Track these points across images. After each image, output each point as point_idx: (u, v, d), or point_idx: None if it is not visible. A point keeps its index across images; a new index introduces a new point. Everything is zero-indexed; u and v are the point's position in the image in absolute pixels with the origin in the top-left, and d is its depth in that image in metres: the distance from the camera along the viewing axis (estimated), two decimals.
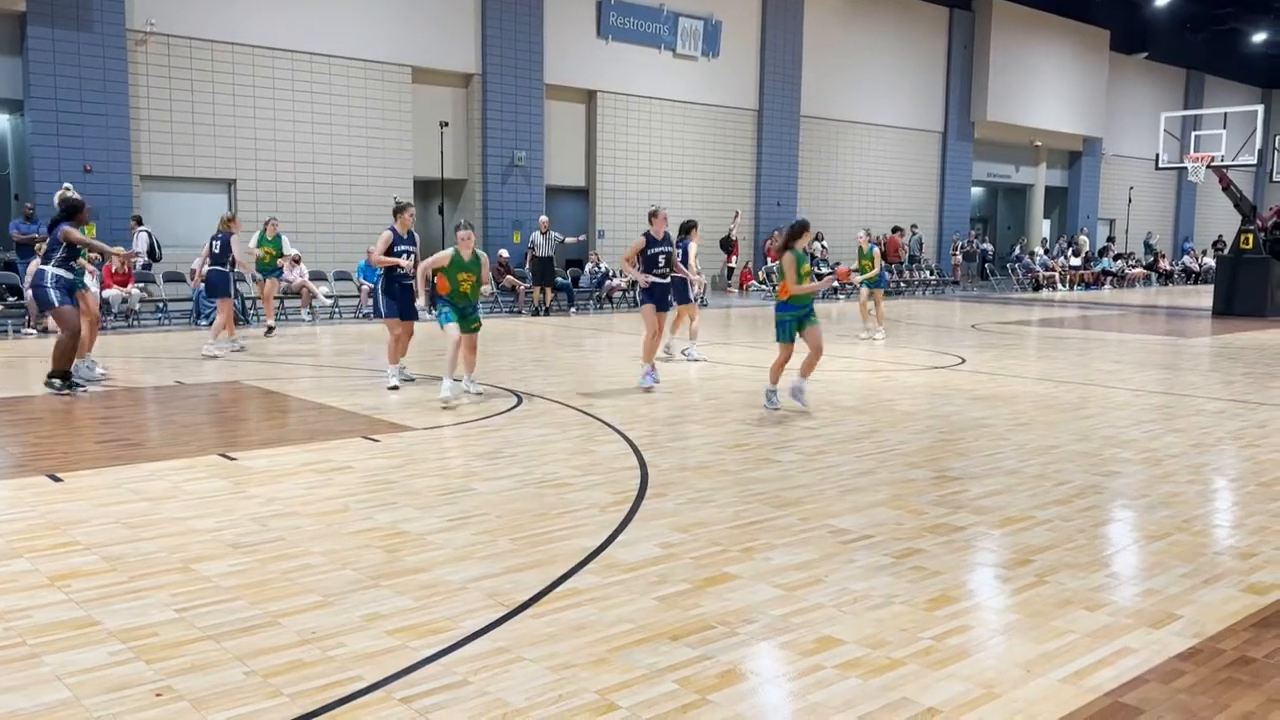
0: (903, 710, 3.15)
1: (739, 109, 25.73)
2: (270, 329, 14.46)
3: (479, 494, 5.72)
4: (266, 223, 14.52)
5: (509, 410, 8.49)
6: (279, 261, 14.69)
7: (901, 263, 27.66)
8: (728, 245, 24.52)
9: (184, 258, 16.82)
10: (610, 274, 21.15)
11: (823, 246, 25.45)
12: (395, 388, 9.42)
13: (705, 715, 3.11)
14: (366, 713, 3.09)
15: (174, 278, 16.88)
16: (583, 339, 15.08)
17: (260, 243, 14.24)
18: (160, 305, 16.66)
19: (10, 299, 14.95)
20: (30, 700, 3.11)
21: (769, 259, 25.52)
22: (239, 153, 18.19)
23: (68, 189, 13.60)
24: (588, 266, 21.39)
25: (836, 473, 6.34)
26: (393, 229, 9.48)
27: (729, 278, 25.06)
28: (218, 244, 12.41)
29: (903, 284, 27.14)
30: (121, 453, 6.68)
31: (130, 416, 8.09)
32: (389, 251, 9.41)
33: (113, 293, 15.16)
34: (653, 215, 10.01)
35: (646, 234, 10.02)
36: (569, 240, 20.00)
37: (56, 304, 8.98)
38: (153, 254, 16.26)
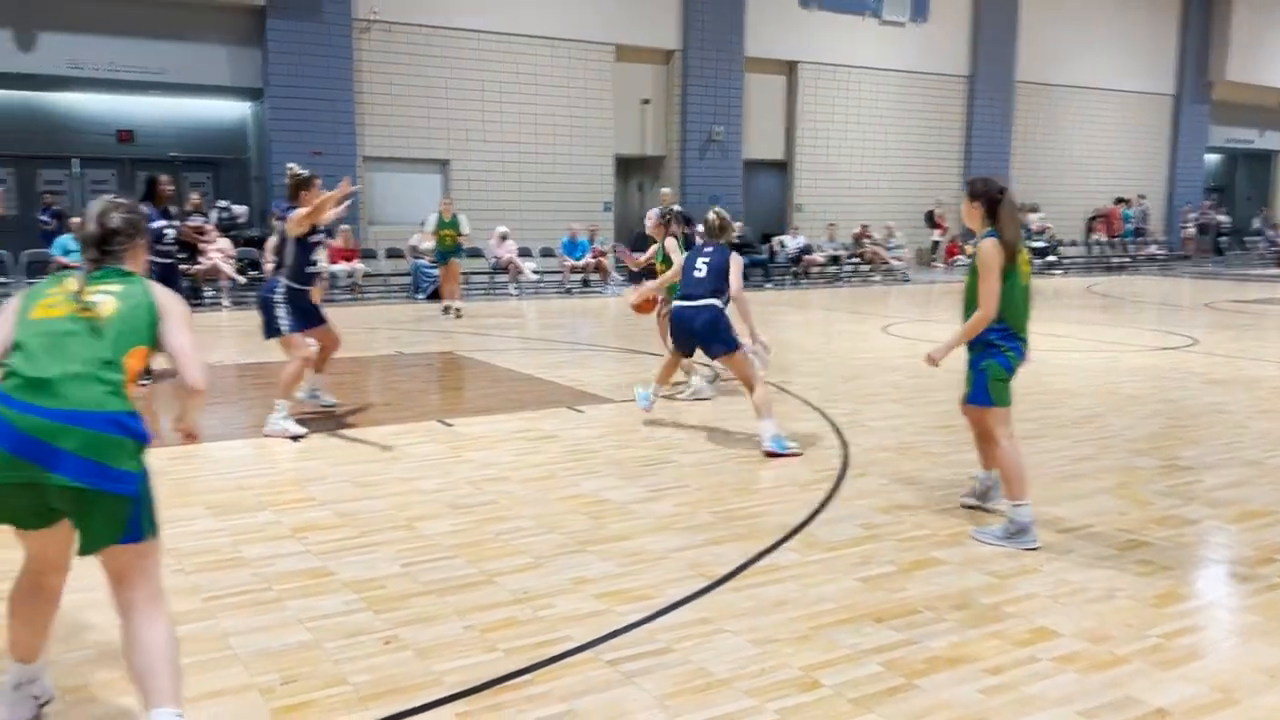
0: (1128, 709, 2.98)
1: (948, 76, 24.66)
2: (449, 309, 13.95)
3: (679, 466, 5.80)
4: (442, 204, 14.53)
5: (708, 384, 8.52)
6: (459, 240, 14.36)
7: (1122, 236, 25.91)
8: (932, 219, 23.67)
9: (401, 234, 17.82)
10: (810, 248, 20.83)
11: (1040, 218, 24.09)
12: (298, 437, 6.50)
13: (912, 699, 3.04)
14: (576, 672, 3.20)
15: (394, 253, 17.92)
16: (778, 314, 14.96)
17: (439, 225, 14.05)
18: (385, 279, 17.78)
19: (251, 273, 16.29)
20: (278, 640, 3.41)
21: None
22: (452, 133, 19.04)
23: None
24: (784, 240, 21.15)
25: (1053, 458, 6.02)
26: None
27: (933, 252, 24.18)
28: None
29: (1126, 259, 25.41)
30: (350, 417, 7.17)
31: (357, 383, 8.66)
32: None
33: (339, 267, 16.27)
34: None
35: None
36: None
37: None
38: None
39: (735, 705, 3.01)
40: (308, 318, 6.96)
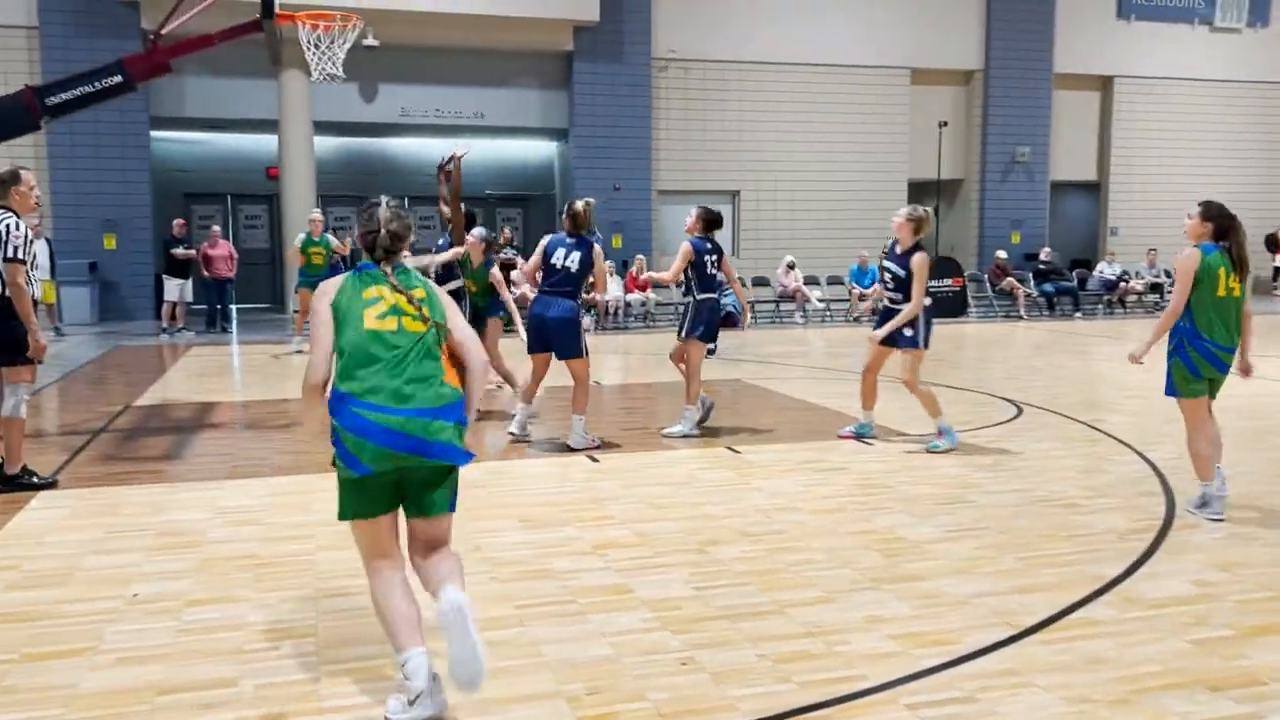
0: None
1: None
2: (711, 351, 13.18)
3: (978, 506, 5.52)
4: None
5: (1008, 421, 8.09)
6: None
7: None
8: (1273, 243, 21.15)
9: None
10: (1127, 275, 19.24)
11: None
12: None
13: None
14: (873, 713, 3.12)
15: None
16: (1089, 346, 13.92)
17: None
18: (675, 309, 18.30)
19: None
20: (582, 652, 3.58)
21: None
22: (743, 164, 19.35)
23: None
24: (1098, 267, 19.68)
25: None
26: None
27: (1275, 279, 21.60)
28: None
29: None
30: (645, 440, 7.43)
31: (649, 408, 8.96)
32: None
33: (633, 296, 16.96)
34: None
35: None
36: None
37: None
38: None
39: None
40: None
